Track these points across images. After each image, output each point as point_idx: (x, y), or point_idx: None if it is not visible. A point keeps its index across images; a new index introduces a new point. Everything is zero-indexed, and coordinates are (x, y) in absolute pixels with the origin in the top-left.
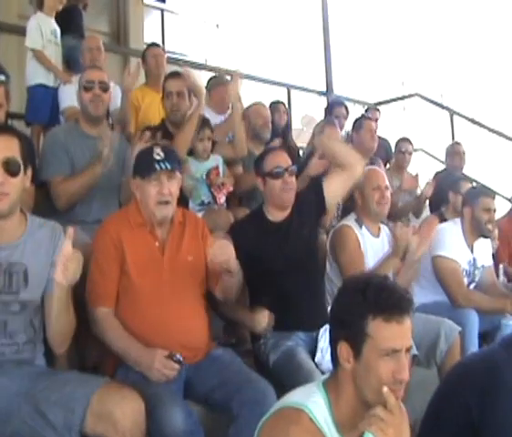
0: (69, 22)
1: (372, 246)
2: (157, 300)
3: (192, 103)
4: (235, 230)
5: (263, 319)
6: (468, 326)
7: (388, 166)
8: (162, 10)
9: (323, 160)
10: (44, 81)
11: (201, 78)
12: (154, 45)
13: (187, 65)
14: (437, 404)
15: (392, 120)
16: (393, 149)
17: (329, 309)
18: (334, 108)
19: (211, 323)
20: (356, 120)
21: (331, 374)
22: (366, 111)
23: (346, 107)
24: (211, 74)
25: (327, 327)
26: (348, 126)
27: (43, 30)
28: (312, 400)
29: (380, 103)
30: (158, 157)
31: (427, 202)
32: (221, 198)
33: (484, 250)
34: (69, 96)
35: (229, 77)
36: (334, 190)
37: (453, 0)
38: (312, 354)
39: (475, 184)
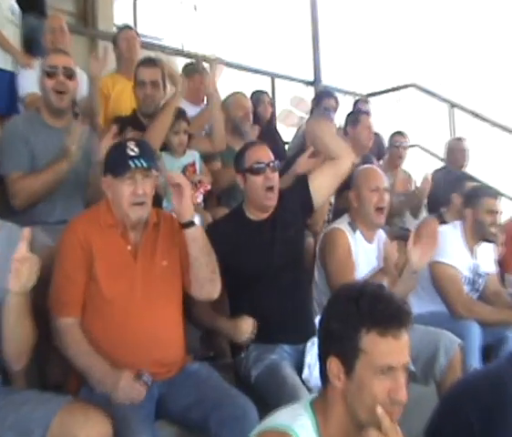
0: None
1: (365, 252)
2: (128, 310)
3: (167, 93)
4: (212, 231)
5: (247, 327)
6: (469, 338)
7: (381, 162)
8: None
9: (313, 158)
10: (0, 65)
11: (177, 64)
12: (126, 27)
13: (161, 50)
14: (437, 423)
15: (385, 113)
16: (385, 145)
17: (317, 319)
18: (323, 100)
19: (187, 334)
20: (351, 113)
21: (319, 393)
22: (356, 103)
23: (336, 99)
24: (188, 60)
25: (315, 340)
26: (337, 119)
27: None
28: (298, 422)
29: (372, 94)
30: (132, 154)
31: (425, 201)
32: (198, 197)
33: (486, 256)
34: (30, 82)
35: (206, 65)
36: (321, 186)
37: None
38: (299, 369)
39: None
